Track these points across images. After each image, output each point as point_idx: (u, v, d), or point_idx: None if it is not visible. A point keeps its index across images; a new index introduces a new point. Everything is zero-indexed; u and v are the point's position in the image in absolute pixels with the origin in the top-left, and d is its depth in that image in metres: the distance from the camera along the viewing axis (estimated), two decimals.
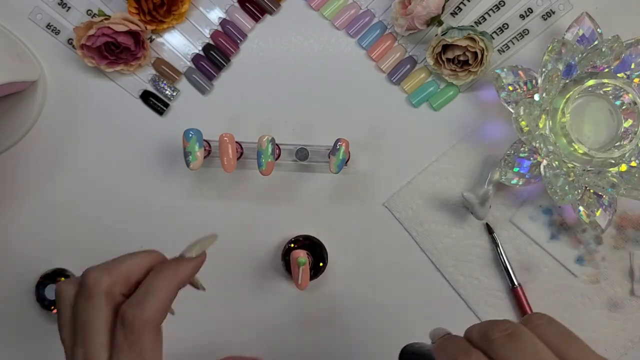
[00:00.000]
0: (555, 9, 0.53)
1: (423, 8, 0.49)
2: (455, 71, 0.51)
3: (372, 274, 0.54)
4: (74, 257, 0.54)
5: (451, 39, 0.49)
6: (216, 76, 0.54)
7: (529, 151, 0.50)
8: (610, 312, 0.54)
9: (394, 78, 0.54)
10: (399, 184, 0.54)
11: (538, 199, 0.54)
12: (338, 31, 0.54)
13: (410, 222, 0.54)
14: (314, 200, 0.54)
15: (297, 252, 0.48)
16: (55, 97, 0.54)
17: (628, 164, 0.50)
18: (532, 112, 0.49)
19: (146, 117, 0.54)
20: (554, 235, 0.54)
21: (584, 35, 0.50)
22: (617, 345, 0.53)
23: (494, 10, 0.53)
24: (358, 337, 0.54)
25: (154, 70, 0.54)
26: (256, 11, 0.54)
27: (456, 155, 0.54)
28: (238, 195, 0.54)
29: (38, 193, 0.54)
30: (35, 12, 0.53)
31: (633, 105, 0.49)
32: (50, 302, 0.52)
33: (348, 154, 0.50)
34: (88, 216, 0.54)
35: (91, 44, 0.49)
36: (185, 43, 0.54)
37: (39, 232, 0.54)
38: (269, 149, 0.48)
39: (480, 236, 0.54)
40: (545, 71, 0.50)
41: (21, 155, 0.54)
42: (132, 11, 0.50)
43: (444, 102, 0.54)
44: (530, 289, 0.54)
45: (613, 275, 0.54)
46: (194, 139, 0.47)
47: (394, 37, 0.54)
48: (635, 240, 0.54)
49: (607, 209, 0.50)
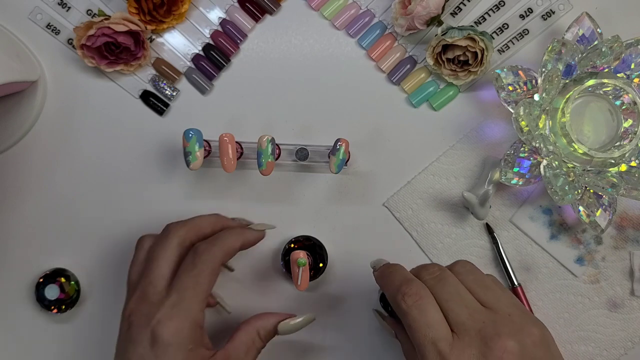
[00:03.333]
0: (555, 9, 0.53)
1: (423, 8, 0.49)
2: (455, 71, 0.51)
3: (371, 274, 0.54)
4: (74, 257, 0.54)
5: (451, 39, 0.49)
6: (216, 76, 0.54)
7: (529, 151, 0.50)
8: (610, 312, 0.54)
9: (394, 78, 0.54)
10: (399, 184, 0.54)
11: (538, 199, 0.54)
12: (338, 31, 0.54)
13: (410, 222, 0.54)
14: (314, 200, 0.54)
15: (297, 252, 0.48)
16: (55, 97, 0.54)
17: (628, 164, 0.50)
18: (532, 112, 0.49)
19: (146, 117, 0.54)
20: (554, 235, 0.54)
21: (584, 35, 0.50)
22: (617, 345, 0.53)
23: (494, 10, 0.53)
24: (358, 337, 0.54)
25: (154, 70, 0.54)
26: (256, 11, 0.54)
27: (456, 155, 0.54)
28: (238, 195, 0.54)
29: (38, 193, 0.54)
30: (35, 12, 0.53)
31: (633, 105, 0.49)
32: (50, 302, 0.52)
33: (348, 154, 0.50)
34: (88, 216, 0.54)
35: (91, 44, 0.49)
36: (185, 43, 0.54)
37: (39, 232, 0.54)
38: (269, 149, 0.48)
39: (480, 236, 0.54)
40: (545, 71, 0.50)
41: (21, 155, 0.54)
42: (132, 11, 0.50)
43: (444, 102, 0.54)
44: (530, 289, 0.54)
45: (613, 275, 0.54)
46: (194, 139, 0.47)
47: (394, 37, 0.54)
48: (635, 240, 0.54)
49: (607, 209, 0.50)
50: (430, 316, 0.37)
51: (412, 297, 0.38)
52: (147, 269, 0.42)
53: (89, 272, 0.54)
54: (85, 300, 0.54)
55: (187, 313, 0.39)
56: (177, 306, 0.39)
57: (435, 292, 0.39)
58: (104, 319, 0.54)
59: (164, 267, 0.42)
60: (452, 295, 0.39)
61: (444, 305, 0.38)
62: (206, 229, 0.45)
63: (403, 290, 0.39)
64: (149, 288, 0.41)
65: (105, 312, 0.54)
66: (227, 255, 0.43)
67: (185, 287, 0.40)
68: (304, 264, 0.46)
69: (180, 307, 0.39)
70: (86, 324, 0.54)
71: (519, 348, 0.36)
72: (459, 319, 0.37)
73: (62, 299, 0.52)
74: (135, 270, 0.44)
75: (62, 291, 0.52)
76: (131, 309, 0.41)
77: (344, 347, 0.54)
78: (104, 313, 0.54)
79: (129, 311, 0.41)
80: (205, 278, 0.41)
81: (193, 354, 0.39)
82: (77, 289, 0.53)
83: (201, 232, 0.45)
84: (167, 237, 0.43)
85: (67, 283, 0.52)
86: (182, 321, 0.39)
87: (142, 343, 0.38)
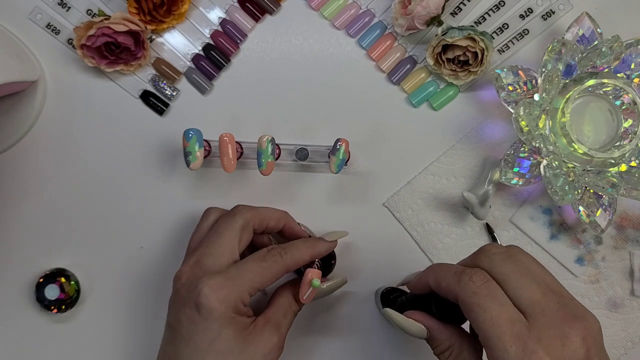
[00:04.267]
0: (555, 9, 0.53)
1: (423, 8, 0.49)
2: (455, 71, 0.51)
3: (372, 274, 0.54)
4: (74, 257, 0.54)
5: (451, 39, 0.49)
6: (216, 76, 0.54)
7: (529, 151, 0.50)
8: (610, 312, 0.54)
9: (394, 78, 0.54)
10: (399, 184, 0.54)
11: (538, 199, 0.54)
12: (338, 31, 0.54)
13: (410, 222, 0.54)
14: (314, 200, 0.54)
15: (314, 272, 0.46)
16: (55, 97, 0.54)
17: (628, 164, 0.50)
18: (532, 112, 0.49)
19: (146, 117, 0.54)
20: (554, 235, 0.54)
21: (584, 35, 0.50)
22: (617, 345, 0.53)
23: (494, 10, 0.53)
24: (358, 337, 0.54)
25: (154, 70, 0.54)
26: (256, 11, 0.54)
27: (456, 155, 0.54)
28: (238, 195, 0.54)
29: (38, 193, 0.54)
30: (35, 12, 0.53)
31: (633, 105, 0.49)
32: (50, 302, 0.52)
33: (348, 154, 0.50)
34: (88, 216, 0.54)
35: (91, 44, 0.49)
36: (185, 43, 0.54)
37: (39, 232, 0.54)
38: (269, 149, 0.48)
39: (480, 236, 0.54)
40: (545, 71, 0.50)
41: (21, 155, 0.54)
42: (132, 11, 0.50)
43: (444, 102, 0.54)
44: None
45: (613, 275, 0.54)
46: (194, 139, 0.47)
47: (394, 37, 0.54)
48: (635, 240, 0.54)
49: (607, 209, 0.50)
50: (501, 297, 0.35)
51: (480, 277, 0.35)
52: (209, 241, 0.44)
53: (89, 272, 0.54)
54: (85, 300, 0.54)
55: (238, 289, 0.42)
56: (232, 280, 0.42)
57: (505, 270, 0.36)
58: (104, 319, 0.54)
59: (225, 243, 0.44)
60: (525, 273, 0.36)
61: (514, 284, 0.35)
62: (271, 221, 0.47)
63: (469, 273, 0.36)
64: (208, 258, 0.43)
65: (105, 312, 0.54)
66: (295, 265, 0.45)
67: (247, 269, 0.43)
68: (317, 286, 0.45)
69: (234, 282, 0.42)
70: (86, 324, 0.54)
71: (594, 332, 0.35)
72: (534, 297, 0.35)
73: (62, 299, 0.52)
74: (197, 238, 0.47)
75: (62, 291, 0.52)
76: (186, 273, 0.43)
77: (344, 347, 0.54)
78: (104, 313, 0.54)
79: (184, 274, 0.43)
80: (268, 274, 0.43)
81: (235, 320, 0.42)
82: (77, 289, 0.53)
83: (265, 222, 0.47)
84: (235, 216, 0.45)
85: (67, 283, 0.52)
86: (231, 294, 0.41)
87: (191, 304, 0.41)
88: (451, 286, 0.37)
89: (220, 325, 0.41)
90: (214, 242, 0.44)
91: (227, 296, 0.41)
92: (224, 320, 0.41)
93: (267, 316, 0.45)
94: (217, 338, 0.41)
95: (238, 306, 0.42)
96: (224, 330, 0.41)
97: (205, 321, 0.40)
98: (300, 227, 0.50)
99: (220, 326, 0.41)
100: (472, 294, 0.35)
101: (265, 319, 0.44)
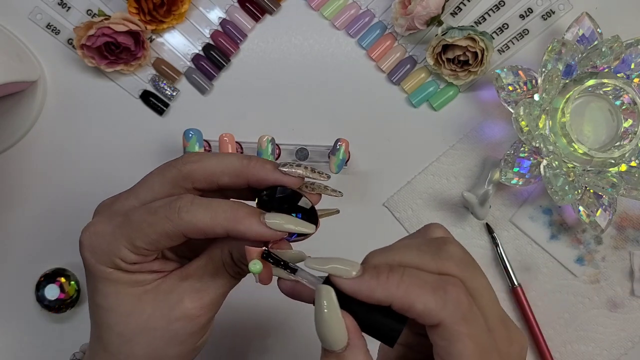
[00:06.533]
0: (555, 9, 0.53)
1: (423, 8, 0.49)
2: (455, 71, 0.51)
3: None
4: (74, 257, 0.54)
5: (451, 39, 0.49)
6: (216, 76, 0.54)
7: (529, 151, 0.50)
8: (610, 312, 0.54)
9: (394, 78, 0.54)
10: (399, 184, 0.54)
11: (538, 199, 0.54)
12: (338, 31, 0.54)
13: (410, 222, 0.54)
14: None
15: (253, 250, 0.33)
16: (55, 97, 0.54)
17: (628, 164, 0.50)
18: (532, 112, 0.49)
19: (146, 117, 0.54)
20: (554, 235, 0.54)
21: (584, 35, 0.50)
22: (617, 345, 0.53)
23: (494, 10, 0.53)
24: None
25: (154, 70, 0.54)
26: (256, 11, 0.54)
27: (456, 155, 0.54)
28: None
29: (38, 193, 0.54)
30: (35, 12, 0.53)
31: (633, 105, 0.49)
32: (50, 302, 0.52)
33: (348, 154, 0.50)
34: (88, 216, 0.54)
35: (91, 44, 0.49)
36: (185, 43, 0.54)
37: (39, 232, 0.54)
38: (269, 149, 0.48)
39: (480, 236, 0.54)
40: (545, 71, 0.50)
41: (21, 155, 0.54)
42: (132, 11, 0.50)
43: (444, 102, 0.54)
44: (530, 289, 0.54)
45: (613, 275, 0.54)
46: (194, 139, 0.47)
47: (394, 37, 0.54)
48: (635, 240, 0.54)
49: (607, 209, 0.50)
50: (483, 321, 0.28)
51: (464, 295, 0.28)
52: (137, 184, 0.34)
53: None
54: (85, 300, 0.54)
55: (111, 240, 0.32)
56: (112, 226, 0.32)
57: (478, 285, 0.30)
58: None
59: (143, 189, 0.33)
60: (488, 285, 0.30)
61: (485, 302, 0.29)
62: (224, 176, 0.32)
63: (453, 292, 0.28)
64: (117, 203, 0.34)
65: None
66: (196, 233, 0.30)
67: (133, 218, 0.31)
68: (257, 272, 0.31)
69: (113, 230, 0.32)
70: (86, 324, 0.54)
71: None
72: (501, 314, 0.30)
73: (62, 299, 0.52)
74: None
75: (62, 291, 0.52)
76: (101, 203, 0.35)
77: None
78: None
79: (101, 203, 0.35)
80: (152, 232, 0.30)
81: (115, 276, 0.32)
82: (77, 289, 0.53)
83: (212, 178, 0.32)
84: (170, 164, 0.33)
85: (67, 283, 0.52)
86: (101, 244, 0.32)
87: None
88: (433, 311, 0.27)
89: (96, 279, 0.32)
90: (134, 187, 0.34)
91: (97, 246, 0.32)
92: (98, 274, 0.32)
93: (186, 271, 0.32)
94: (95, 292, 0.32)
95: (114, 261, 0.31)
96: (99, 285, 0.32)
97: (87, 274, 0.33)
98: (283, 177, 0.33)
99: (95, 280, 0.32)
100: (463, 321, 0.27)
101: (183, 275, 0.32)
